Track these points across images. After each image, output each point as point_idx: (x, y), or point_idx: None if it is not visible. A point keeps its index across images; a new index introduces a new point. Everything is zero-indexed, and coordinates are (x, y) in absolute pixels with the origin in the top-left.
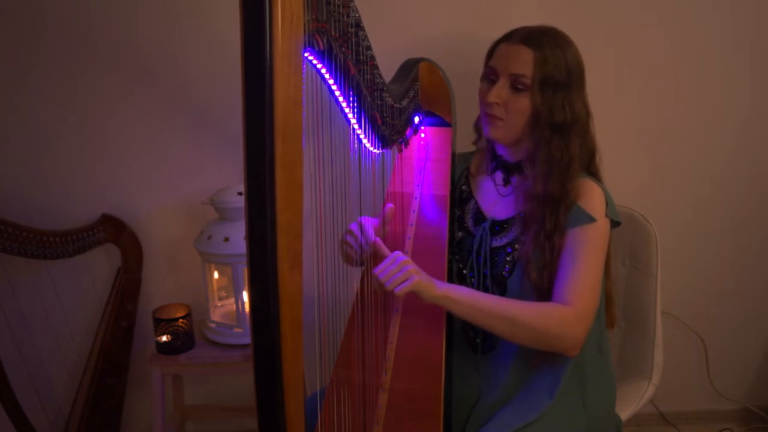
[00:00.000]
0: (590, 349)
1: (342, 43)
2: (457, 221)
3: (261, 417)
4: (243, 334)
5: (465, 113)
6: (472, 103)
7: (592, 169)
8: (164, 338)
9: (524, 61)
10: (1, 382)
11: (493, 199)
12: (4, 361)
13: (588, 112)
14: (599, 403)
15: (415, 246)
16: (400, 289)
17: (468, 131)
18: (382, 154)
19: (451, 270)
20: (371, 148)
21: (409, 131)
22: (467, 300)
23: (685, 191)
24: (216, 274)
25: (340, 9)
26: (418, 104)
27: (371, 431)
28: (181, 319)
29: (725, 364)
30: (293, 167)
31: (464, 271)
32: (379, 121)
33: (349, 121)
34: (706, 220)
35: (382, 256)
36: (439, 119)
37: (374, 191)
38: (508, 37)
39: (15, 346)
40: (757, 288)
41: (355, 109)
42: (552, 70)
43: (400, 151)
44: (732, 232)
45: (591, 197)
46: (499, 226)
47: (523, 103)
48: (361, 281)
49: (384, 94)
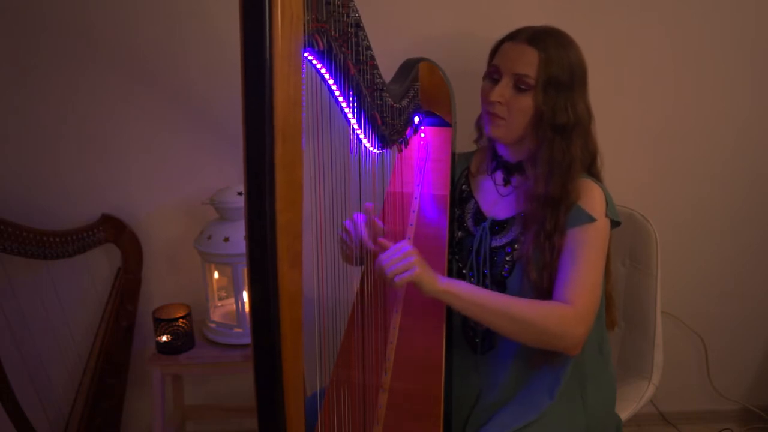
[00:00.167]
0: (591, 350)
1: (342, 43)
2: (457, 221)
3: (261, 417)
4: (243, 334)
5: (465, 113)
6: (473, 103)
7: (593, 171)
8: (164, 338)
9: (528, 61)
10: (1, 382)
11: (493, 198)
12: (4, 361)
13: (590, 114)
14: (599, 403)
15: (415, 245)
16: (400, 279)
17: (468, 131)
18: (382, 154)
19: (451, 270)
20: (371, 148)
21: (409, 131)
22: (469, 296)
23: (685, 191)
24: (216, 274)
25: (340, 9)
26: (418, 104)
27: (371, 431)
28: (181, 319)
29: (725, 364)
30: (293, 167)
31: (464, 270)
32: (379, 121)
33: (349, 121)
34: (706, 220)
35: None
36: (439, 119)
37: (374, 191)
38: (512, 37)
39: (15, 346)
40: (757, 288)
41: (355, 109)
42: (556, 71)
43: (400, 151)
44: (732, 232)
45: (591, 197)
46: (498, 226)
47: (526, 103)
48: (361, 281)
49: (384, 94)
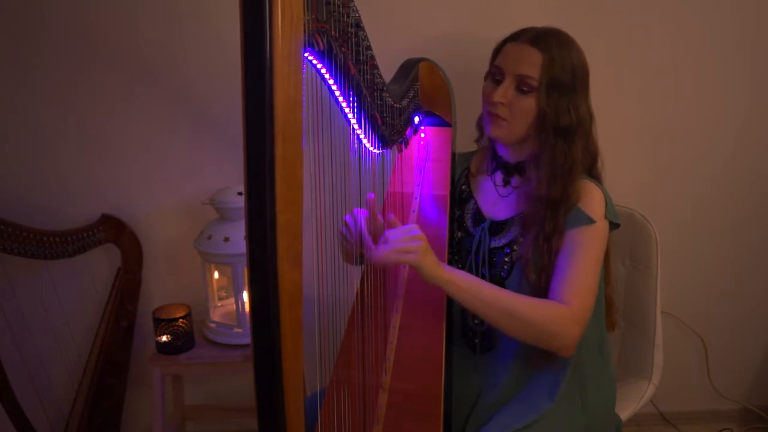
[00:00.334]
0: (591, 351)
1: (342, 43)
2: (456, 221)
3: (261, 417)
4: (243, 334)
5: (465, 113)
6: (473, 103)
7: (593, 172)
8: (164, 338)
9: (532, 63)
10: (1, 382)
11: (493, 199)
12: (4, 361)
13: (591, 115)
14: (599, 404)
15: None
16: (399, 257)
17: (468, 131)
18: (382, 154)
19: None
20: (371, 148)
21: (409, 131)
22: (471, 288)
23: (685, 191)
24: (216, 274)
25: (340, 9)
26: (418, 104)
27: (371, 431)
28: (181, 319)
29: (725, 364)
30: (293, 167)
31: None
32: (379, 121)
33: (349, 121)
34: (706, 220)
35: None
36: (439, 119)
37: (374, 191)
38: (515, 37)
39: (15, 346)
40: (757, 288)
41: (355, 109)
42: (559, 73)
43: (400, 151)
44: (732, 232)
45: (591, 198)
46: (498, 227)
47: (528, 105)
48: (361, 281)
49: (384, 94)
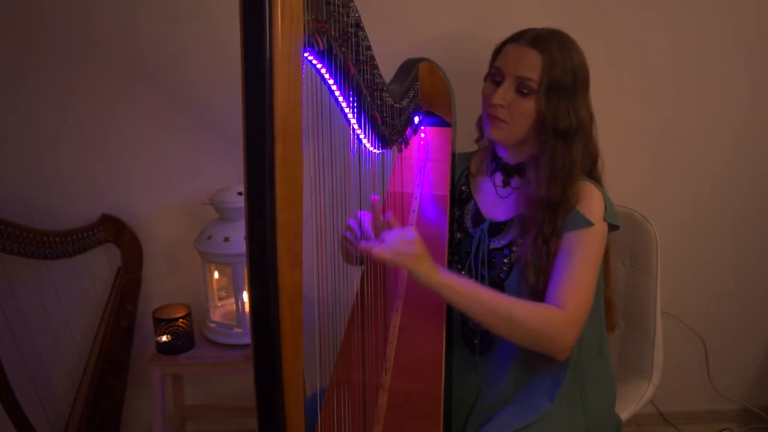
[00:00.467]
0: (590, 351)
1: (342, 43)
2: (456, 222)
3: (261, 417)
4: (243, 334)
5: (465, 113)
6: (473, 103)
7: (594, 174)
8: (164, 338)
9: (532, 65)
10: (1, 382)
11: (492, 200)
12: (4, 361)
13: (591, 117)
14: (599, 404)
15: None
16: (393, 259)
17: (468, 131)
18: (382, 154)
19: (450, 270)
20: (371, 148)
21: (409, 131)
22: (467, 291)
23: (685, 191)
24: (216, 274)
25: (340, 9)
26: (418, 104)
27: (371, 431)
28: (181, 319)
29: (725, 364)
30: (293, 167)
31: (462, 272)
32: (379, 121)
33: (349, 121)
34: (706, 220)
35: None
36: (439, 119)
37: (374, 191)
38: (516, 39)
39: (15, 346)
40: (757, 288)
41: (355, 109)
42: (559, 75)
43: (400, 151)
44: (732, 232)
45: (590, 200)
46: (497, 228)
47: (528, 107)
48: (361, 281)
49: (384, 94)
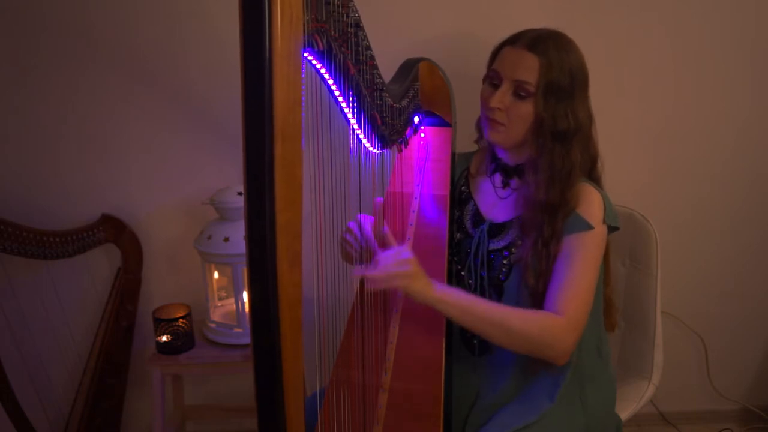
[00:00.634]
0: (589, 352)
1: (341, 43)
2: (455, 222)
3: (261, 417)
4: (243, 334)
5: (465, 113)
6: (473, 104)
7: (593, 175)
8: (164, 338)
9: (529, 68)
10: (1, 382)
11: (492, 201)
12: (4, 361)
13: (591, 118)
14: (599, 404)
15: (415, 246)
16: (388, 284)
17: (468, 131)
18: (382, 154)
19: (450, 271)
20: (371, 148)
21: (408, 131)
22: (462, 305)
23: (685, 191)
24: (216, 274)
25: (340, 9)
26: (418, 104)
27: (371, 431)
28: (181, 319)
29: (725, 364)
30: (293, 167)
31: (462, 272)
32: (379, 121)
33: (349, 121)
34: (706, 220)
35: (389, 247)
36: (439, 119)
37: (374, 191)
38: (513, 41)
39: (15, 346)
40: (757, 288)
41: (355, 109)
42: (556, 77)
43: (400, 151)
44: (732, 232)
45: (589, 203)
46: (497, 229)
47: (526, 110)
48: (361, 281)
49: (384, 94)
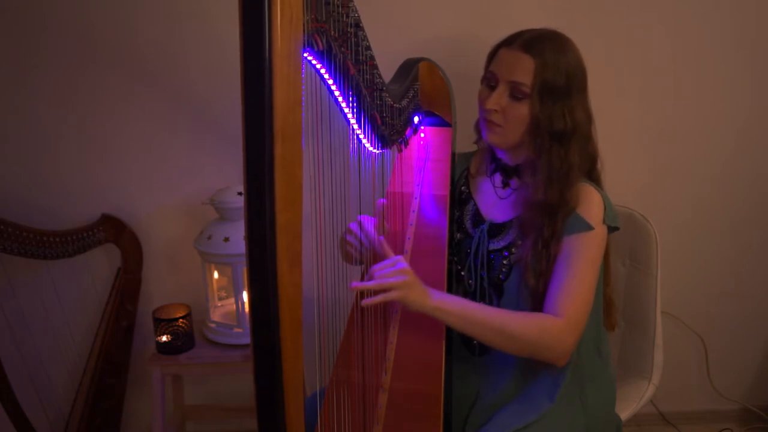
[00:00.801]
0: (588, 352)
1: (341, 43)
2: (456, 222)
3: (261, 417)
4: (243, 334)
5: (465, 113)
6: (473, 104)
7: (593, 175)
8: (164, 338)
9: (524, 69)
10: (1, 382)
11: (492, 201)
12: (4, 361)
13: (589, 118)
14: (599, 404)
15: (415, 246)
16: (384, 297)
17: (468, 131)
18: (382, 154)
19: (450, 271)
20: (371, 148)
21: (408, 131)
22: (460, 312)
23: (685, 191)
24: (216, 274)
25: (340, 9)
26: (418, 104)
27: (371, 431)
28: (181, 319)
29: (725, 364)
30: (293, 167)
31: (462, 273)
32: (379, 121)
33: (349, 121)
34: (706, 220)
35: (385, 256)
36: (439, 119)
37: (374, 191)
38: (509, 42)
39: (15, 346)
40: (757, 288)
41: (355, 109)
42: (552, 78)
43: (400, 151)
44: (732, 232)
45: (589, 203)
46: (497, 229)
47: (522, 111)
48: (362, 281)
49: (384, 94)
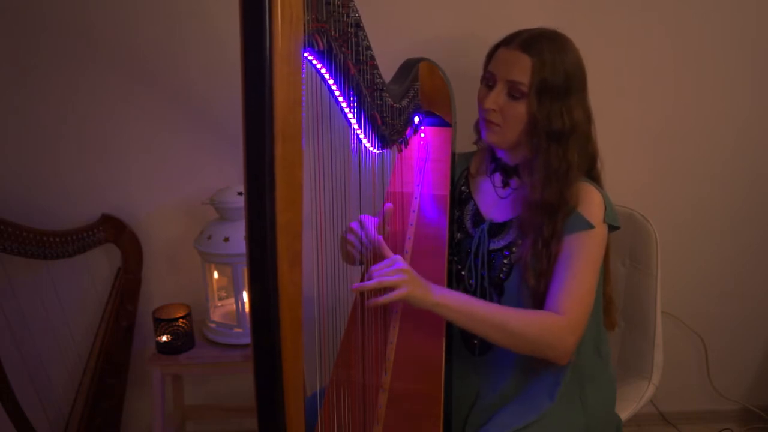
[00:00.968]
0: (588, 352)
1: (342, 43)
2: (456, 222)
3: (261, 417)
4: (243, 334)
5: (465, 113)
6: (473, 104)
7: (593, 174)
8: (164, 338)
9: (522, 69)
10: (1, 382)
11: (492, 200)
12: (4, 361)
13: (589, 118)
14: (599, 404)
15: (415, 246)
16: (386, 298)
17: (468, 131)
18: (382, 154)
19: (450, 271)
20: (371, 148)
21: (409, 131)
22: (462, 307)
23: (685, 191)
24: (216, 274)
25: (340, 9)
26: (418, 104)
27: (371, 431)
28: (181, 319)
29: (725, 364)
30: (293, 167)
31: (462, 272)
32: (379, 121)
33: (349, 121)
34: (706, 220)
35: (383, 257)
36: (439, 119)
37: (374, 191)
38: (507, 42)
39: (15, 346)
40: (757, 288)
41: (355, 109)
42: (550, 78)
43: (400, 151)
44: (732, 232)
45: (590, 202)
46: (497, 228)
47: (520, 111)
48: (361, 281)
49: (384, 94)
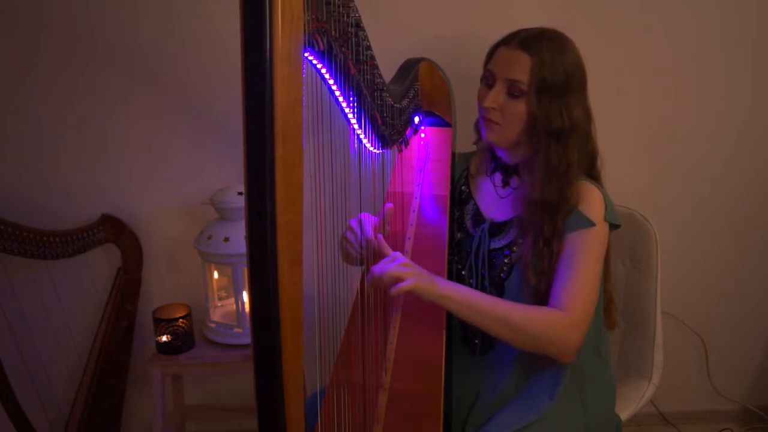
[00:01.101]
0: (587, 352)
1: (342, 43)
2: (456, 222)
3: (261, 417)
4: (243, 334)
5: (465, 113)
6: (473, 104)
7: (593, 173)
8: (164, 338)
9: (521, 67)
10: (1, 382)
11: (492, 200)
12: (4, 361)
13: (588, 116)
14: (599, 404)
15: (415, 246)
16: (396, 289)
17: (468, 131)
18: (382, 154)
19: (450, 271)
20: (371, 148)
21: (409, 131)
22: (466, 300)
23: (685, 191)
24: (216, 274)
25: (340, 9)
26: (418, 104)
27: (371, 431)
28: (181, 319)
29: (725, 364)
30: (293, 167)
31: (463, 272)
32: (379, 121)
33: (349, 121)
34: (706, 220)
35: (383, 255)
36: (439, 119)
37: (374, 191)
38: (507, 41)
39: (15, 346)
40: (757, 288)
41: (355, 109)
42: (549, 76)
43: (400, 151)
44: (732, 232)
45: (590, 201)
46: (497, 228)
47: (519, 109)
48: (361, 281)
49: (384, 94)
